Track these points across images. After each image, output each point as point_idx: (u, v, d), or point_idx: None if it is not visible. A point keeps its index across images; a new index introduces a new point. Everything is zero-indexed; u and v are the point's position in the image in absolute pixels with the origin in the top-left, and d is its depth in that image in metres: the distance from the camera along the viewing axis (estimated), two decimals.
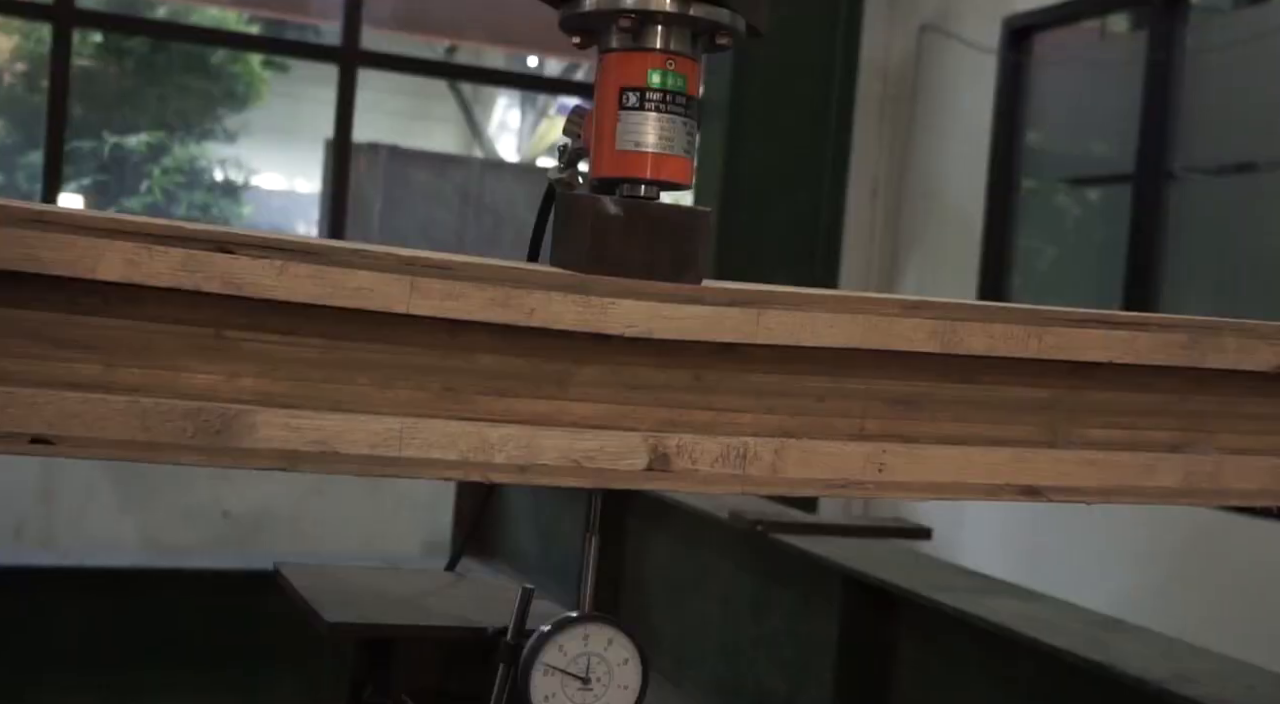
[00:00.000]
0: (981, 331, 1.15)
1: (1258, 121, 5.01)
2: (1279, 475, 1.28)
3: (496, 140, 15.16)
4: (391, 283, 0.99)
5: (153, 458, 0.95)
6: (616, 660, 1.11)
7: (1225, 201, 5.24)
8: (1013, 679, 2.32)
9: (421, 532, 5.97)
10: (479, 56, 10.82)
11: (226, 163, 11.50)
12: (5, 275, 0.90)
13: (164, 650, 4.84)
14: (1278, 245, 4.83)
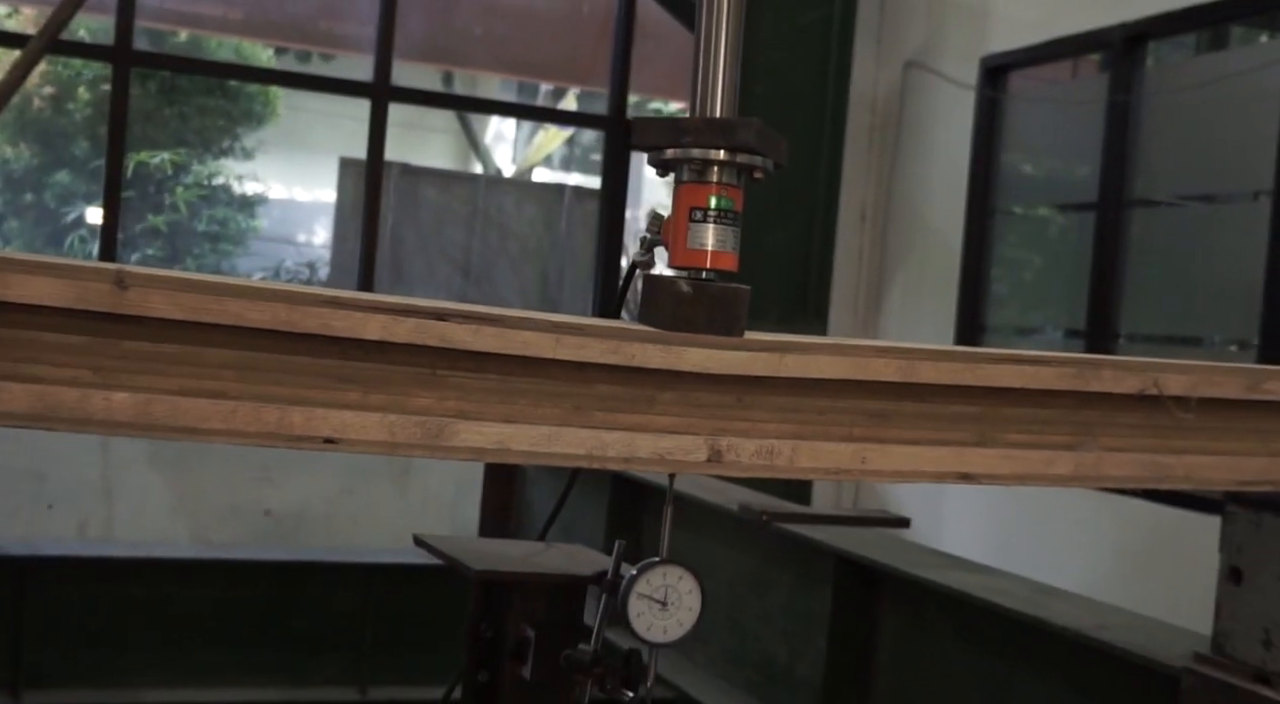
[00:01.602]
0: (930, 368, 1.68)
1: (1213, 157, 5.54)
2: (1144, 467, 1.80)
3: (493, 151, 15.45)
4: (543, 339, 1.52)
5: (395, 453, 1.48)
6: (685, 590, 1.63)
7: (1181, 229, 5.76)
8: (973, 637, 2.84)
9: (446, 528, 6.46)
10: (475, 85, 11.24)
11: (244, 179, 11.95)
12: (309, 337, 1.43)
13: (215, 634, 5.29)
14: (1227, 268, 5.34)
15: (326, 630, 5.34)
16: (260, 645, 5.31)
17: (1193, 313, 5.38)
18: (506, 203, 12.24)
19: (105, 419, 1.38)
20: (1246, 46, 5.64)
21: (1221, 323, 5.12)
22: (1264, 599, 2.05)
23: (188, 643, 5.25)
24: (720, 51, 1.69)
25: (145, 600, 5.14)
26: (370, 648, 5.36)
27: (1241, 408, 1.84)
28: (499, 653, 1.95)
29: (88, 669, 5.04)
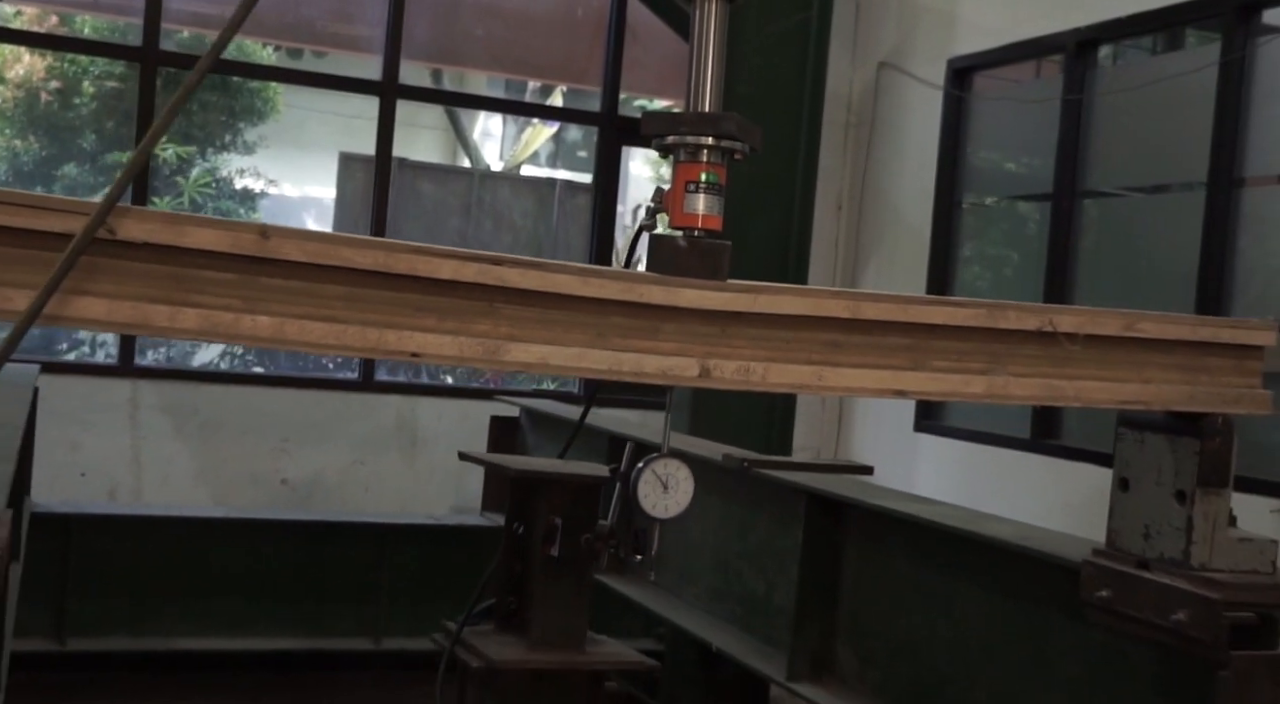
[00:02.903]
0: (873, 307, 2.16)
1: (1155, 151, 6.02)
2: (1042, 388, 2.29)
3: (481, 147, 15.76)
4: (573, 280, 1.99)
5: (461, 365, 1.95)
6: (682, 477, 2.09)
7: (1127, 218, 6.25)
8: (920, 557, 3.31)
9: (450, 498, 6.92)
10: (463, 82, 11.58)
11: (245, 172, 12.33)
12: (399, 276, 1.90)
13: (242, 588, 5.67)
14: (1167, 252, 5.81)
15: (343, 586, 5.75)
16: (282, 599, 5.68)
17: (1137, 293, 5.84)
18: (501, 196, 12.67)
19: (252, 336, 1.86)
20: (1181, 51, 6.12)
21: (1162, 303, 5.59)
22: (1144, 502, 2.52)
23: (216, 595, 5.62)
24: (709, 59, 2.17)
25: (178, 556, 5.53)
26: (384, 602, 5.77)
27: (1120, 343, 2.33)
28: (529, 544, 2.41)
29: (126, 619, 5.44)
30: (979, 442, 6.51)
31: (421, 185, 11.21)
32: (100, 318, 1.78)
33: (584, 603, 2.42)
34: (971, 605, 3.14)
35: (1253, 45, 5.33)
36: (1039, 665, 2.91)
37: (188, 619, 5.55)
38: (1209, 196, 5.38)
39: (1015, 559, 2.95)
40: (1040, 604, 2.92)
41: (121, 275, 1.79)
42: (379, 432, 6.98)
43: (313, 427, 6.82)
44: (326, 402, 6.91)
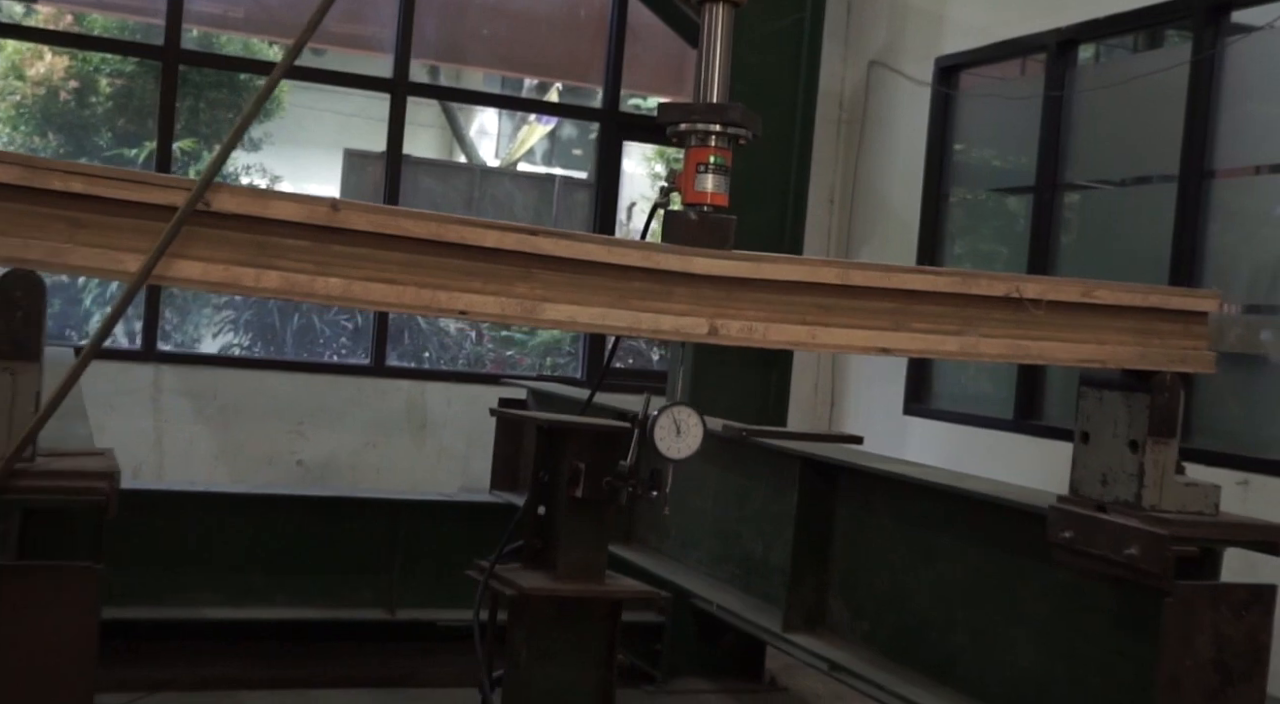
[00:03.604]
0: (860, 274, 2.46)
1: (1130, 145, 6.32)
2: (1009, 347, 2.58)
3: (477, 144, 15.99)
4: (599, 249, 2.29)
5: (503, 322, 2.25)
6: (692, 423, 2.38)
7: (1104, 209, 6.56)
8: (905, 513, 3.61)
9: (458, 478, 7.21)
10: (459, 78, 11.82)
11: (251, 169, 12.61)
12: (450, 244, 2.19)
13: (263, 560, 5.91)
14: (1142, 241, 6.11)
15: (359, 559, 5.99)
16: (301, 571, 5.91)
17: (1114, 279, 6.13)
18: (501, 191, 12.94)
19: (324, 295, 2.15)
20: (1155, 50, 6.42)
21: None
22: (1102, 453, 2.81)
23: (239, 568, 5.84)
24: (716, 56, 2.47)
25: (202, 530, 5.76)
26: (399, 574, 6.02)
27: (1079, 308, 2.63)
28: (555, 490, 2.70)
29: (153, 589, 5.68)
30: (965, 423, 6.81)
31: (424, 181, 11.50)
32: (197, 278, 2.07)
33: (604, 540, 2.71)
34: (950, 556, 3.44)
35: (1222, 45, 5.63)
36: (1011, 606, 3.21)
37: (211, 590, 5.78)
38: (1181, 188, 5.69)
39: (989, 510, 3.25)
40: (1012, 551, 3.21)
41: (214, 242, 2.08)
42: (390, 415, 7.27)
43: (326, 410, 7.11)
44: (340, 386, 7.19)
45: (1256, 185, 5.72)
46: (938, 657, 3.44)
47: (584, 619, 2.68)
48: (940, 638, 3.44)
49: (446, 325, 12.08)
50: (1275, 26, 5.47)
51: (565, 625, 2.68)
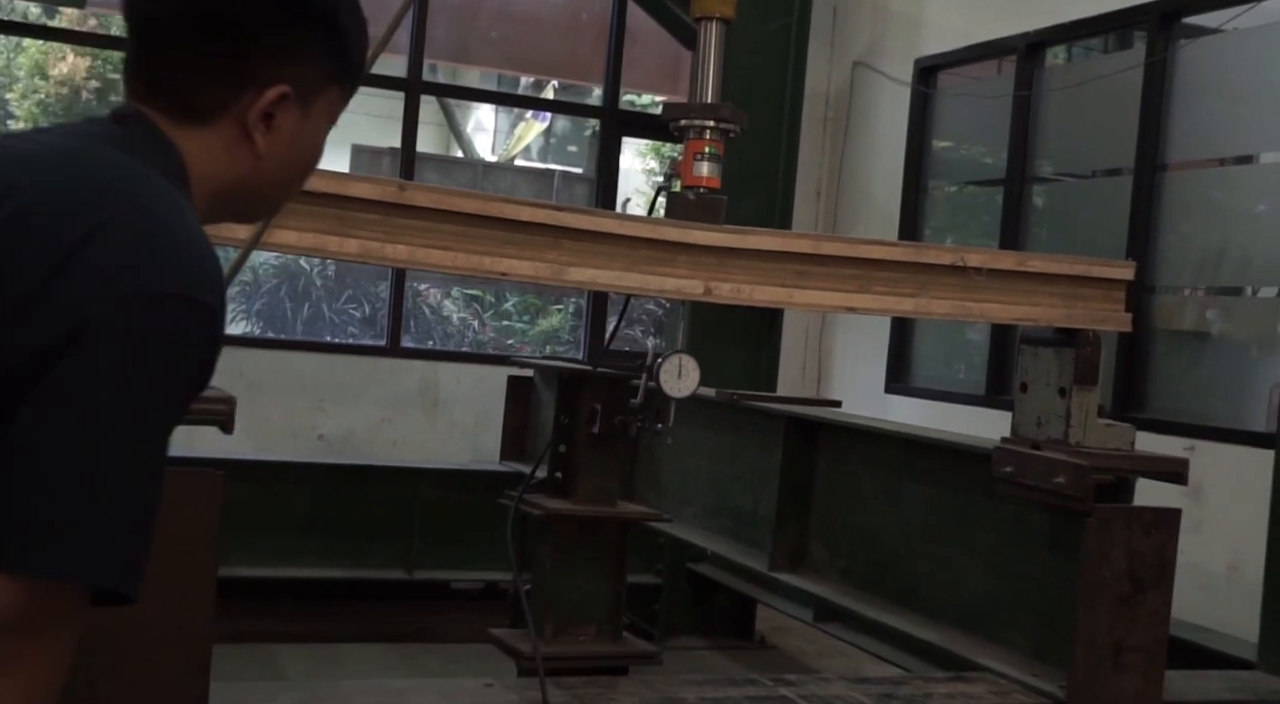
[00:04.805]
0: (830, 245, 2.96)
1: (1091, 141, 6.83)
2: (956, 308, 3.09)
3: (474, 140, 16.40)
4: (613, 222, 2.79)
5: (536, 283, 2.75)
6: (691, 366, 2.88)
7: (1070, 200, 7.07)
8: (877, 462, 4.11)
9: (468, 452, 7.69)
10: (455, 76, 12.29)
11: None
12: (493, 218, 2.70)
13: (288, 524, 6.36)
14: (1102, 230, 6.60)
15: (379, 523, 6.45)
16: (325, 534, 6.36)
17: None
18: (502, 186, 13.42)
19: (393, 259, 2.65)
20: (1116, 53, 6.92)
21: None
22: (1037, 400, 3.30)
23: (266, 530, 6.28)
24: (710, 63, 2.97)
25: (236, 495, 6.18)
26: (415, 537, 6.49)
27: (1015, 275, 3.14)
28: (574, 430, 3.19)
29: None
30: (941, 400, 7.31)
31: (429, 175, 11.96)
32: (292, 244, 2.57)
33: (617, 471, 3.21)
34: (913, 497, 3.95)
35: (1174, 48, 6.14)
36: (964, 538, 3.71)
37: (240, 550, 6.21)
38: (1136, 180, 6.19)
39: (945, 454, 3.76)
40: (964, 490, 3.72)
41: (305, 215, 2.58)
42: (404, 393, 7.77)
43: (345, 388, 7.60)
44: (358, 366, 7.69)
45: (1206, 177, 6.24)
46: (903, 585, 3.94)
47: (599, 537, 3.18)
48: (906, 568, 3.94)
49: (450, 314, 12.57)
50: (1225, 30, 5.98)
51: (584, 543, 3.18)
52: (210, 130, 1.44)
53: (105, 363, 1.27)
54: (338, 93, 1.52)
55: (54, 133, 1.52)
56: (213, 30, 1.42)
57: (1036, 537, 3.44)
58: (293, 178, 1.56)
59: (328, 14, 1.47)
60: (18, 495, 1.27)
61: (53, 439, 1.27)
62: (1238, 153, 6.17)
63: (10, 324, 1.26)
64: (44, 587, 1.26)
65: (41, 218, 1.30)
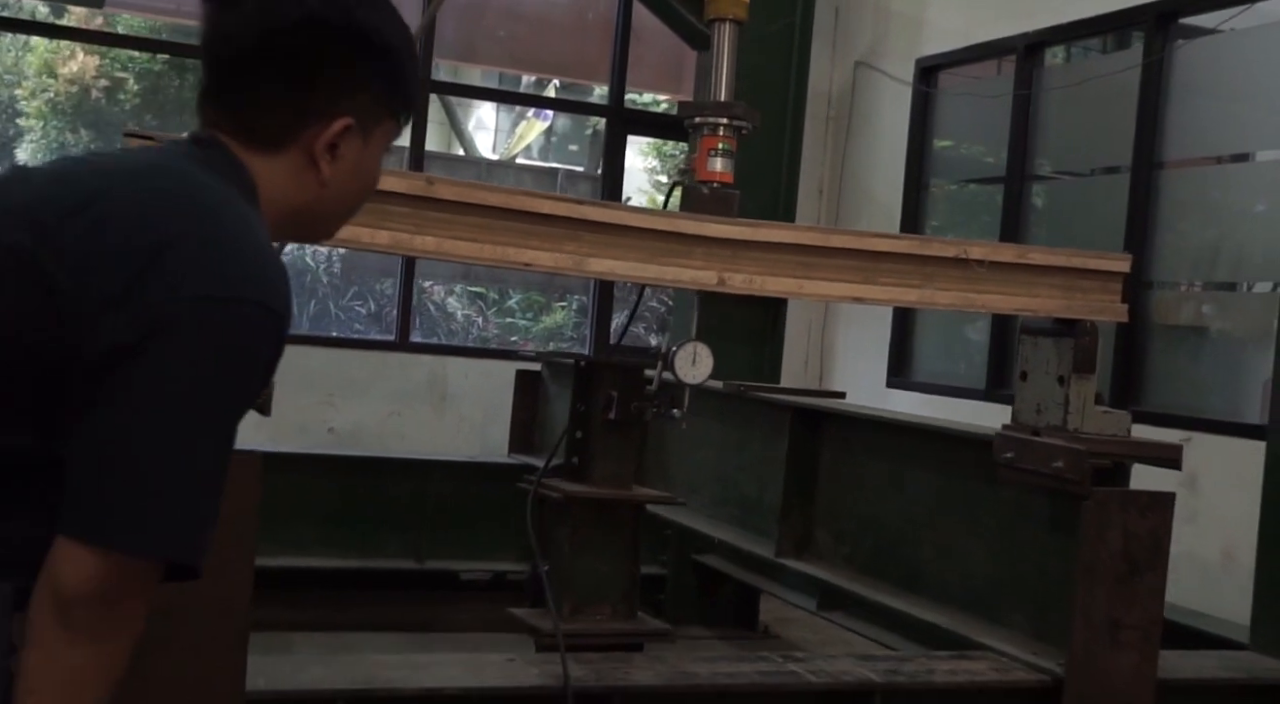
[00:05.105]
0: (838, 238, 3.08)
1: (1089, 139, 6.95)
2: (959, 299, 3.21)
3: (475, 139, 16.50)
4: (632, 216, 2.91)
5: (558, 272, 2.87)
6: (704, 354, 2.99)
7: (1069, 197, 7.19)
8: (879, 450, 4.23)
9: (476, 445, 7.81)
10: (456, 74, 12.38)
11: None
12: (518, 211, 2.82)
13: (301, 514, 6.45)
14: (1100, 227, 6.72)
15: (390, 514, 6.54)
16: (337, 524, 6.45)
17: None
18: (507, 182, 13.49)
19: (421, 249, 2.77)
20: (1115, 53, 7.04)
21: None
22: (1037, 388, 3.42)
23: (279, 521, 6.35)
24: (724, 63, 3.09)
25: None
26: (425, 528, 6.59)
27: (1016, 267, 3.26)
28: (590, 416, 3.31)
29: None
30: (942, 394, 7.44)
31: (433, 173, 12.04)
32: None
33: (632, 455, 3.32)
34: (916, 483, 4.07)
35: (1170, 48, 6.27)
36: (966, 521, 3.83)
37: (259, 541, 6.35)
38: (1133, 178, 6.32)
39: (947, 442, 3.88)
40: (966, 476, 3.83)
41: None
42: (413, 387, 7.89)
43: (355, 382, 7.72)
44: (367, 360, 7.81)
45: (1202, 175, 6.36)
46: (906, 570, 4.06)
47: (615, 519, 3.30)
48: (909, 553, 4.06)
49: (454, 311, 12.68)
50: (1222, 30, 6.10)
51: (600, 524, 3.30)
52: (280, 157, 1.58)
53: (181, 359, 1.40)
54: (393, 124, 1.67)
55: (138, 151, 1.65)
56: (284, 68, 1.56)
57: (1036, 520, 3.56)
58: (352, 203, 1.70)
59: (388, 54, 1.61)
60: (100, 476, 1.39)
61: (132, 426, 1.39)
62: (1234, 151, 6.29)
63: (95, 320, 1.39)
64: (124, 560, 1.39)
65: (125, 223, 1.43)
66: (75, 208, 1.44)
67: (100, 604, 1.39)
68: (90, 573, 1.38)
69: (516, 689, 2.74)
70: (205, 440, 1.43)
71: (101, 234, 1.42)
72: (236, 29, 1.55)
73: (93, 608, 1.39)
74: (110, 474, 1.40)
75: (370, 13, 1.59)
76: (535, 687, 2.75)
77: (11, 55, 11.81)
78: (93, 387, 1.39)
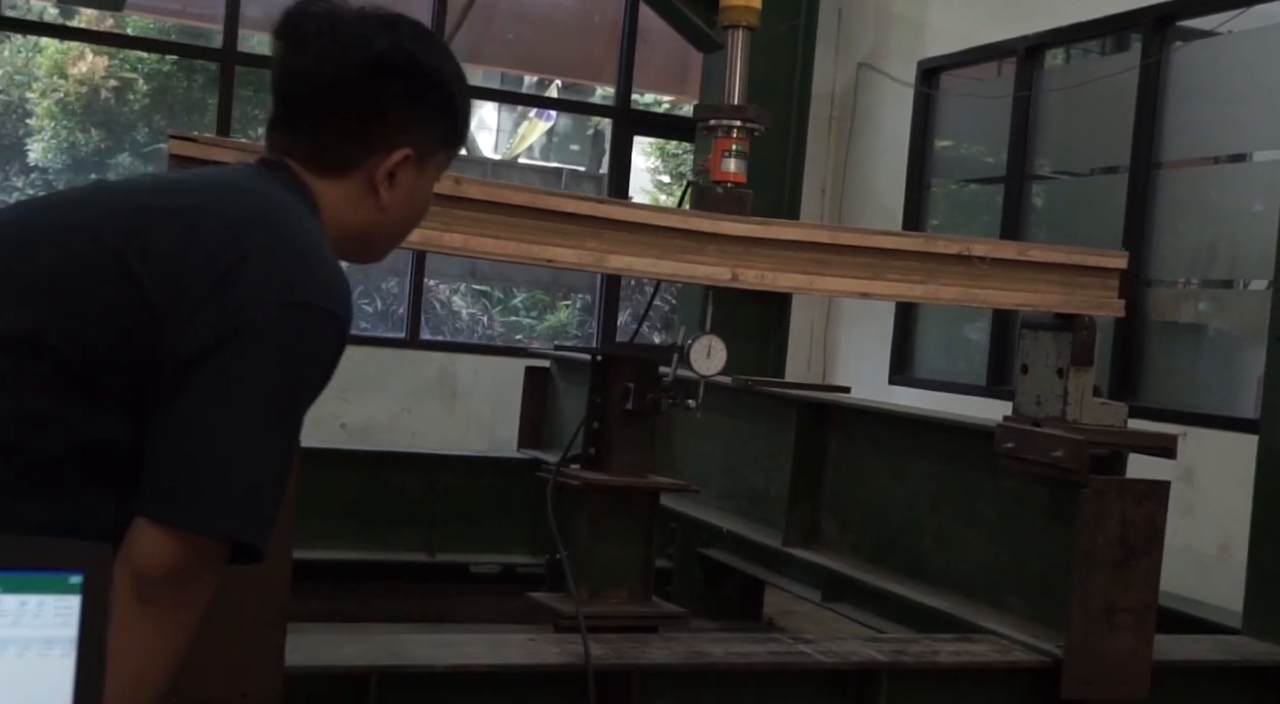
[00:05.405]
0: (846, 235, 3.21)
1: (1088, 140, 7.08)
2: (962, 294, 3.33)
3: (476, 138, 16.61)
4: (650, 214, 3.04)
5: (578, 268, 3.00)
6: (718, 348, 3.12)
7: (1068, 197, 7.32)
8: (884, 442, 4.36)
9: (485, 441, 7.94)
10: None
11: None
12: (541, 210, 2.95)
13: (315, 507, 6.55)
14: (1098, 226, 6.85)
15: (402, 507, 6.67)
16: (350, 517, 6.58)
17: None
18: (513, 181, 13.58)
19: (450, 246, 2.90)
20: (1113, 54, 7.17)
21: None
22: (1037, 380, 3.55)
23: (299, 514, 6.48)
24: (737, 69, 3.22)
25: None
26: (436, 522, 6.72)
27: (1017, 264, 3.39)
28: (607, 408, 3.44)
29: None
30: (944, 390, 7.57)
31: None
32: None
33: (649, 445, 3.45)
34: (920, 474, 4.20)
35: (1168, 51, 6.40)
36: (969, 512, 3.96)
37: None
38: (1131, 178, 6.45)
39: (950, 433, 4.01)
40: (968, 466, 3.96)
41: None
42: (423, 384, 8.01)
43: (366, 379, 7.84)
44: (378, 357, 7.94)
45: (1199, 175, 6.49)
46: (910, 558, 4.19)
47: (631, 506, 3.43)
48: (912, 542, 4.19)
49: (459, 310, 12.81)
50: (1220, 32, 6.23)
51: (617, 511, 3.43)
52: (343, 182, 1.73)
53: (258, 358, 1.54)
54: (445, 155, 1.82)
55: (217, 171, 1.81)
56: (353, 103, 1.71)
57: (1036, 509, 3.69)
58: (404, 227, 1.85)
59: (446, 92, 1.77)
60: (179, 463, 1.53)
61: (210, 418, 1.53)
62: (1231, 152, 6.42)
63: (184, 320, 1.53)
64: (198, 540, 1.52)
65: (211, 236, 1.57)
66: (167, 220, 1.58)
67: (174, 581, 1.52)
68: (167, 552, 1.51)
69: (540, 666, 2.87)
70: (275, 432, 1.57)
71: (190, 245, 1.56)
72: (308, 68, 1.70)
73: (167, 585, 1.51)
74: (188, 462, 1.53)
75: (429, 54, 1.74)
76: (558, 664, 2.88)
77: (22, 56, 11.94)
78: (176, 382, 1.52)
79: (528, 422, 7.07)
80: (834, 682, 3.19)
